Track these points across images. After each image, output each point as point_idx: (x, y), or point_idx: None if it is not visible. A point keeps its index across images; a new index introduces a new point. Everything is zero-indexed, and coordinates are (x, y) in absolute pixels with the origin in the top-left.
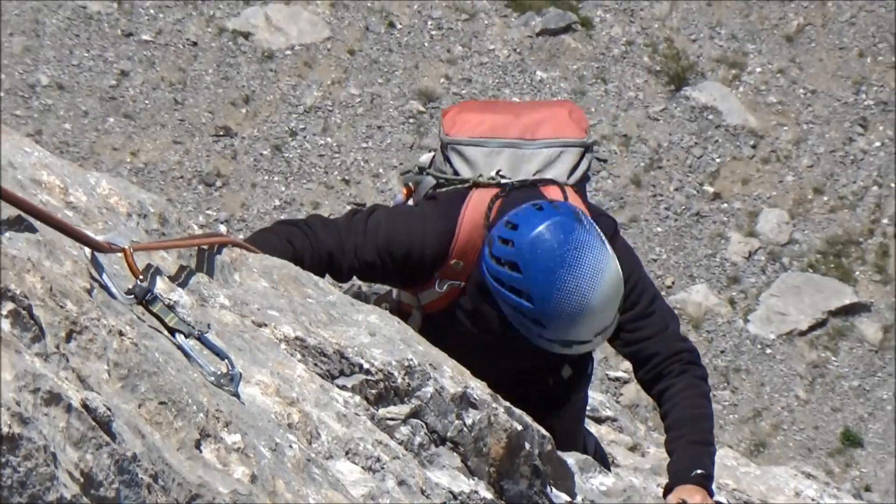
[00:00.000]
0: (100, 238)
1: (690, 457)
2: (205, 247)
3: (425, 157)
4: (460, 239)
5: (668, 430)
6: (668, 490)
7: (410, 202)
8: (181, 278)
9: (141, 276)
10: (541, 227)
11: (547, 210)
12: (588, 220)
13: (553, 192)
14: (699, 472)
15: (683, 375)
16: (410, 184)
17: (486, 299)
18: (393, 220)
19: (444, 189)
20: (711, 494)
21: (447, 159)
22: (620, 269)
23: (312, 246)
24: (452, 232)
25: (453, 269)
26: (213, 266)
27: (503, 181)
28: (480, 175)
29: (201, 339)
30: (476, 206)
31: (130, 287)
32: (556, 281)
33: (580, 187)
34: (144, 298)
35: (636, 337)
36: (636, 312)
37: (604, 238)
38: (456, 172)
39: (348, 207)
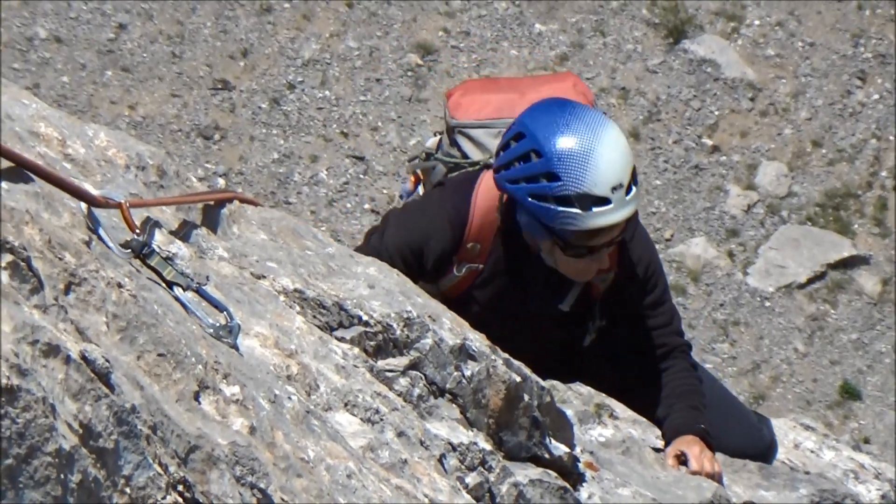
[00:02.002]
0: (96, 192)
1: (689, 416)
2: (208, 203)
3: (431, 142)
4: (474, 223)
5: (663, 400)
6: (667, 444)
7: (420, 189)
8: (180, 231)
9: (138, 230)
10: (533, 105)
11: None
12: None
13: None
14: (701, 426)
15: (677, 362)
16: (419, 171)
17: (505, 276)
18: (403, 221)
19: (454, 173)
20: (711, 448)
21: (455, 143)
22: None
23: None
24: (466, 216)
25: (470, 252)
26: (216, 221)
27: None
28: (491, 157)
29: (199, 291)
30: (488, 187)
31: (127, 240)
32: (559, 124)
33: None
34: (141, 252)
35: (650, 324)
36: (654, 298)
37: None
38: (465, 156)
39: (347, 160)
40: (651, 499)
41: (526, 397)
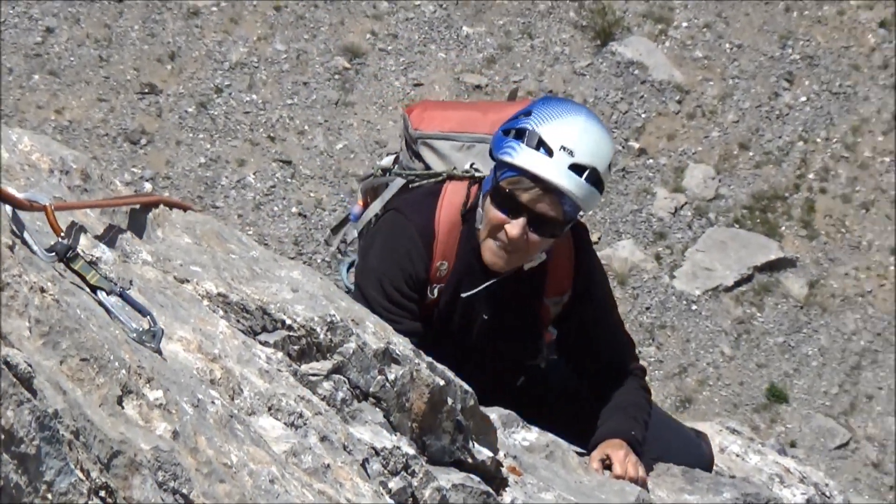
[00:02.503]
0: (21, 195)
1: (623, 423)
2: (134, 207)
3: (387, 160)
4: (440, 239)
5: (605, 412)
6: (592, 447)
7: (369, 211)
8: (104, 235)
9: (63, 234)
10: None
11: None
12: None
13: None
14: (633, 433)
15: (631, 382)
16: (368, 192)
17: (459, 295)
18: (375, 266)
19: (415, 185)
20: (640, 456)
21: (417, 155)
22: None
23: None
24: (432, 234)
25: (439, 271)
26: (140, 225)
27: (478, 174)
28: (455, 168)
29: (123, 295)
30: (451, 197)
31: (52, 244)
32: (549, 99)
33: None
34: (66, 256)
35: (603, 348)
36: (611, 321)
37: None
38: (428, 167)
39: (274, 164)
40: (574, 503)
41: (450, 401)
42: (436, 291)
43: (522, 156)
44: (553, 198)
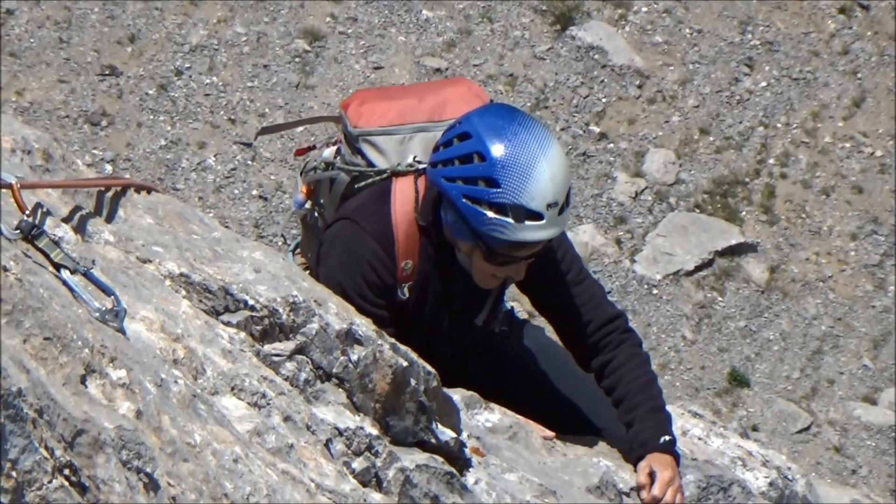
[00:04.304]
0: None
1: (653, 425)
2: (100, 189)
3: (328, 152)
4: (400, 240)
5: (619, 402)
6: (639, 459)
7: (308, 205)
8: (67, 215)
9: (28, 212)
10: (482, 107)
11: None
12: None
13: None
14: (666, 438)
15: (622, 346)
16: (311, 184)
17: (429, 287)
18: (339, 280)
19: (362, 184)
20: (678, 458)
21: (359, 151)
22: None
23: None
24: (391, 239)
25: (405, 271)
26: (102, 205)
27: (420, 166)
28: (398, 164)
29: (87, 274)
30: (402, 196)
31: (17, 222)
32: (507, 131)
33: None
34: (30, 234)
35: (572, 303)
36: (570, 278)
37: None
38: (370, 164)
39: (234, 147)
40: (538, 484)
41: (413, 382)
42: (405, 290)
43: (518, 232)
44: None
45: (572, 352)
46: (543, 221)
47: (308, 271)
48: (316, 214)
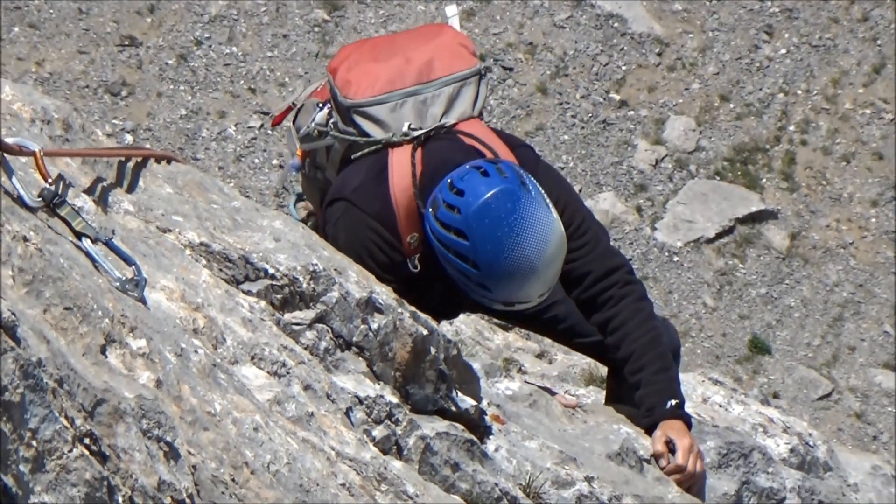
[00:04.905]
0: (10, 140)
1: (660, 389)
2: (120, 159)
3: (320, 116)
4: (402, 219)
5: (625, 361)
6: (650, 426)
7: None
8: (86, 185)
9: (50, 180)
10: (487, 196)
11: (493, 177)
12: (532, 182)
13: (470, 128)
14: (673, 402)
15: (624, 301)
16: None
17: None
18: (346, 254)
19: (358, 154)
20: (689, 422)
21: (351, 121)
22: (562, 228)
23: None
24: (393, 219)
25: (411, 245)
26: (122, 175)
27: (415, 134)
28: (393, 134)
29: (108, 243)
30: (399, 170)
31: (38, 191)
32: (503, 249)
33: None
34: (52, 202)
35: (571, 257)
36: (569, 232)
37: (548, 200)
38: (364, 133)
39: (254, 116)
40: (558, 451)
41: (432, 350)
42: (416, 262)
43: (501, 305)
44: None
45: (576, 304)
46: (533, 302)
47: (312, 219)
48: (317, 173)
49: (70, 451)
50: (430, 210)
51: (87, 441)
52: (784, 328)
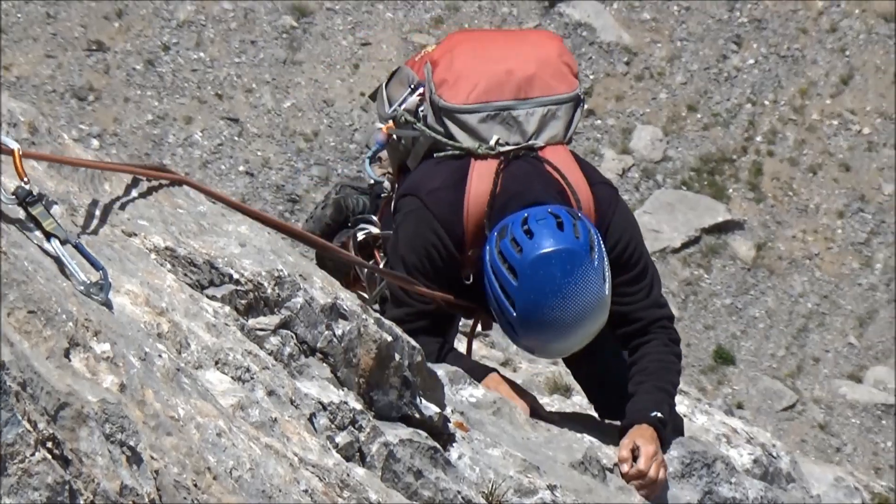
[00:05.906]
0: None
1: (652, 400)
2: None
3: (412, 101)
4: (469, 225)
5: (634, 375)
6: (624, 428)
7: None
8: (52, 188)
9: (26, 178)
10: (551, 250)
11: (566, 232)
12: (601, 250)
13: (553, 155)
14: (657, 414)
15: (660, 335)
16: (394, 135)
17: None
18: (406, 259)
19: (441, 155)
20: (664, 442)
21: (441, 122)
22: (609, 302)
23: (433, 328)
24: (461, 230)
25: (471, 260)
26: (88, 178)
27: (502, 150)
28: (479, 145)
29: (78, 246)
30: (479, 183)
31: (13, 189)
32: (545, 307)
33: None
34: (25, 200)
35: (624, 301)
36: (628, 277)
37: (607, 274)
38: (450, 136)
39: (221, 122)
40: (521, 459)
41: (397, 357)
42: (471, 277)
43: (523, 344)
44: None
45: (616, 336)
46: (547, 359)
47: (387, 176)
48: (400, 144)
49: (32, 454)
50: (496, 235)
51: (49, 445)
52: (749, 339)
